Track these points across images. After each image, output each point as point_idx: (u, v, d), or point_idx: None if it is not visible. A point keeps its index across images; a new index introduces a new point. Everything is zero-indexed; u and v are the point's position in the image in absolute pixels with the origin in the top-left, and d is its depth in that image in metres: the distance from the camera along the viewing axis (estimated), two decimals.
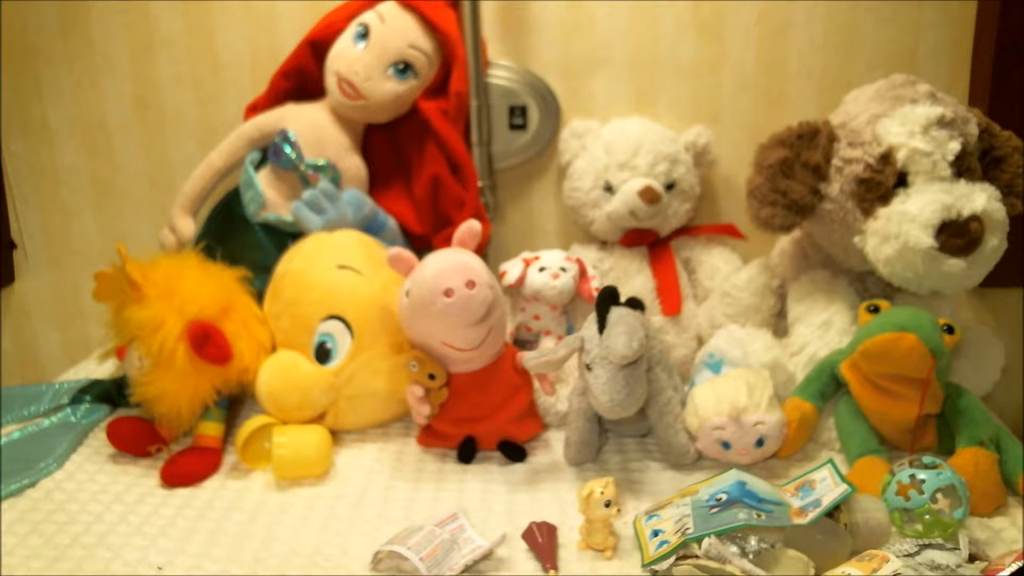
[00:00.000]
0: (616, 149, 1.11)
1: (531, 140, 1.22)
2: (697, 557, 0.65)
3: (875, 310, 0.86)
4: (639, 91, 1.21)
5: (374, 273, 0.96)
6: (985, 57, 1.13)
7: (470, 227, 0.90)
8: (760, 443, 0.84)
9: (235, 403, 0.99)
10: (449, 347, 0.86)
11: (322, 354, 0.94)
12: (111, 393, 1.03)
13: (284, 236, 1.09)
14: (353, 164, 1.14)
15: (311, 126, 1.12)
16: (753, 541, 0.66)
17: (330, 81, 1.10)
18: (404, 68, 1.09)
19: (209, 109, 1.27)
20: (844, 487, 0.70)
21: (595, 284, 1.06)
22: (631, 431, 0.94)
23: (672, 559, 0.67)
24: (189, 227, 1.14)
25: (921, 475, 0.72)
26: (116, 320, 0.93)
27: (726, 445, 0.85)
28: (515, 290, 1.07)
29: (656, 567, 0.68)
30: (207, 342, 0.87)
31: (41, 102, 1.28)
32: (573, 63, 1.21)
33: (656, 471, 0.88)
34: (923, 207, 0.85)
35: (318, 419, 0.94)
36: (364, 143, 1.17)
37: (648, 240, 1.14)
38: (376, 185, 1.18)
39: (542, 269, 1.04)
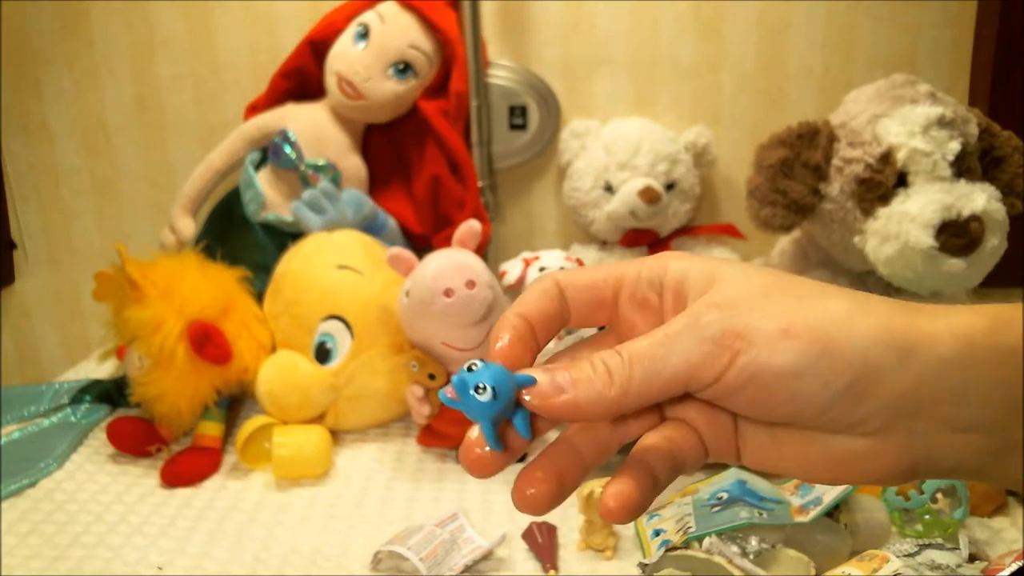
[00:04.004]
0: (616, 149, 1.11)
1: (531, 140, 1.22)
2: (687, 548, 0.65)
3: None
4: (639, 91, 1.21)
5: (374, 273, 0.96)
6: (985, 57, 1.13)
7: (470, 227, 0.90)
8: None
9: (235, 403, 0.99)
10: (449, 347, 0.86)
11: (322, 354, 0.94)
12: (111, 393, 1.03)
13: (284, 236, 1.09)
14: (353, 164, 1.14)
15: (311, 126, 1.12)
16: (754, 541, 0.66)
17: (330, 81, 1.10)
18: (404, 68, 1.09)
19: (209, 109, 1.27)
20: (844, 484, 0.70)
21: None
22: None
23: (661, 551, 0.67)
24: (189, 227, 1.14)
25: None
26: (116, 320, 0.93)
27: None
28: (515, 290, 1.07)
29: (645, 561, 0.68)
30: (207, 342, 0.87)
31: (41, 102, 1.28)
32: (573, 63, 1.21)
33: None
34: (923, 207, 0.85)
35: (318, 419, 0.94)
36: (364, 143, 1.17)
37: (648, 240, 1.14)
38: (376, 185, 1.18)
39: (542, 269, 1.04)
